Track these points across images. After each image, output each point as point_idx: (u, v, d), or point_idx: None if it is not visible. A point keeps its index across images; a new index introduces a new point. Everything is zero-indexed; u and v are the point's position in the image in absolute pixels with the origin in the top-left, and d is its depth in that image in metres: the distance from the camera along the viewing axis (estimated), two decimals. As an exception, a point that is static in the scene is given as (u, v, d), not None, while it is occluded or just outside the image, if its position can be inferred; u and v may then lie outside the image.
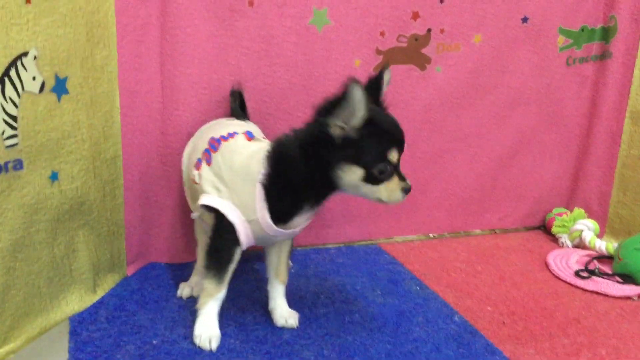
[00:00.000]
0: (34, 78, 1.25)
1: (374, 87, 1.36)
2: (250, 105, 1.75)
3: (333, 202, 1.97)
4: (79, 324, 1.44)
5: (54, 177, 1.36)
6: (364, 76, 1.86)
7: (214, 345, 1.35)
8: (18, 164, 1.25)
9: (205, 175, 1.41)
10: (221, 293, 1.38)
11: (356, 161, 1.26)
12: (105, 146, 1.54)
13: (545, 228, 2.32)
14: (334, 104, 1.23)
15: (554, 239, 2.22)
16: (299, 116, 1.84)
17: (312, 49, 1.82)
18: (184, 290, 1.61)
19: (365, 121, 1.24)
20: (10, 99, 1.20)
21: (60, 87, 1.33)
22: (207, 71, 1.70)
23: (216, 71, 1.71)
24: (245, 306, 1.57)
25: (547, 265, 1.96)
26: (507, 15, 2.01)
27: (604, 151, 2.20)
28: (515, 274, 1.90)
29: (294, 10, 1.76)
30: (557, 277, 1.88)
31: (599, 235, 2.17)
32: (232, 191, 1.35)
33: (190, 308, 1.52)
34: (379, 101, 1.37)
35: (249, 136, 1.47)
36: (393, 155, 1.28)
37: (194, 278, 1.63)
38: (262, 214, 1.33)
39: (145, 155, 1.69)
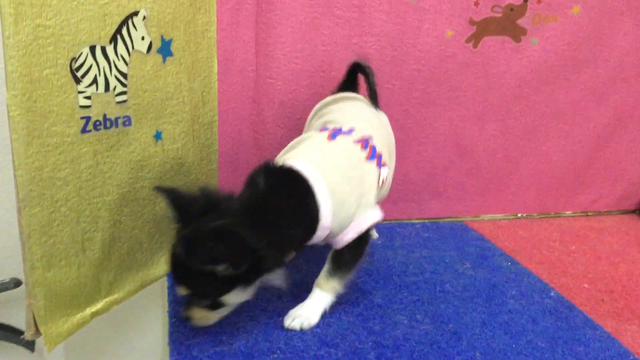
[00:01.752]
0: (142, 38, 1.30)
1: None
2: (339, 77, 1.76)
3: (415, 176, 1.97)
4: (176, 280, 1.49)
5: (157, 136, 1.41)
6: (455, 47, 1.86)
7: None
8: (127, 120, 1.30)
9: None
10: None
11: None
12: (203, 110, 1.58)
13: (641, 212, 2.21)
14: None
15: (653, 223, 2.11)
16: (388, 88, 1.84)
17: (403, 19, 1.79)
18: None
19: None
20: (122, 56, 1.25)
21: (165, 49, 1.38)
22: (300, 40, 1.71)
23: (309, 40, 1.73)
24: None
25: (647, 248, 1.87)
26: (609, -16, 1.92)
27: None
28: (612, 254, 1.81)
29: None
30: (659, 259, 1.79)
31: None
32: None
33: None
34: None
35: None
36: None
37: None
38: None
39: (238, 122, 1.73)
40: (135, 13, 1.26)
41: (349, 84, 1.64)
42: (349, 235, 1.26)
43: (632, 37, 1.98)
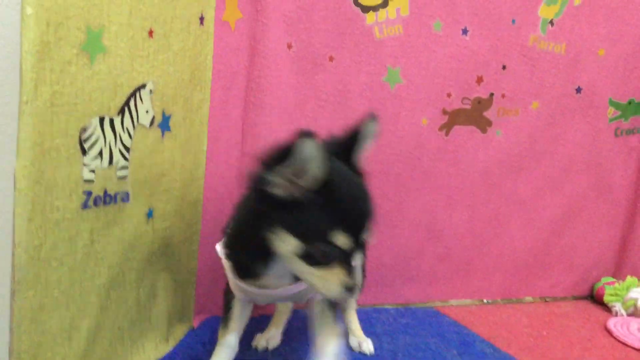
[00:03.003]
0: (147, 111, 1.24)
1: (348, 142, 1.14)
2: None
3: (390, 260, 1.97)
4: (157, 373, 1.36)
5: (149, 214, 1.33)
6: (429, 134, 1.93)
7: None
8: (125, 197, 1.22)
9: None
10: (225, 340, 1.29)
11: (293, 230, 1.00)
12: (190, 189, 1.52)
13: (593, 298, 2.30)
14: (282, 156, 0.97)
15: (605, 308, 2.19)
16: (367, 171, 1.85)
17: (383, 106, 1.85)
18: (260, 342, 1.54)
19: (319, 184, 0.98)
20: (127, 129, 1.19)
21: (165, 124, 1.32)
22: (286, 121, 1.71)
23: (294, 121, 1.73)
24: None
25: (609, 332, 1.93)
26: (563, 84, 2.08)
27: (651, 221, 2.23)
28: (582, 338, 1.86)
29: (370, 67, 1.80)
30: (624, 343, 1.84)
31: (651, 305, 2.15)
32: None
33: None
34: (351, 161, 1.13)
35: None
36: (340, 239, 0.99)
37: (271, 330, 1.56)
38: (227, 266, 1.22)
39: (220, 203, 1.66)
40: (143, 86, 1.22)
41: None
42: None
43: (582, 132, 2.15)
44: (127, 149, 1.20)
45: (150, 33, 1.21)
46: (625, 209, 2.28)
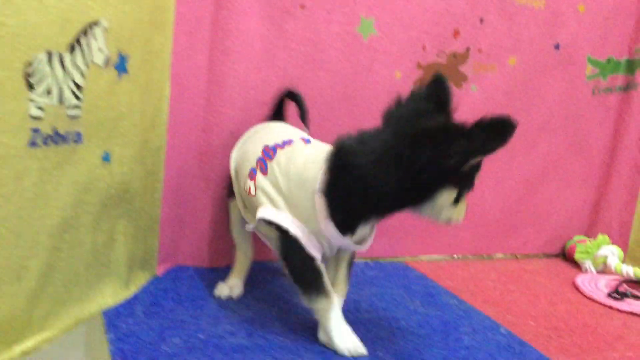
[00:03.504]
0: (100, 49, 1.21)
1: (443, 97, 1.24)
2: (290, 109, 1.73)
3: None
4: (115, 317, 1.36)
5: (106, 158, 1.30)
6: (403, 89, 1.90)
7: (364, 351, 1.29)
8: (78, 137, 1.20)
9: (262, 186, 1.32)
10: (333, 302, 1.29)
11: (457, 185, 1.20)
12: (152, 134, 1.49)
13: (564, 256, 2.31)
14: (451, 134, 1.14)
15: (575, 266, 2.21)
16: (339, 124, 1.83)
17: (356, 57, 1.82)
18: (222, 290, 1.54)
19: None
20: (79, 67, 1.16)
21: (121, 66, 1.29)
22: (254, 70, 1.68)
23: (263, 71, 1.70)
24: (286, 308, 1.50)
25: (577, 288, 1.94)
26: (541, 40, 2.05)
27: (626, 181, 2.23)
28: (549, 294, 1.87)
29: (343, 17, 1.76)
30: (590, 298, 1.86)
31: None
32: (290, 202, 1.26)
33: (231, 307, 1.46)
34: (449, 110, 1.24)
35: (306, 142, 1.40)
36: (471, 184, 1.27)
37: (233, 279, 1.56)
38: (325, 224, 1.24)
39: (185, 151, 1.64)
40: (96, 22, 1.18)
41: (278, 113, 1.66)
42: None
43: (559, 90, 2.13)
44: (79, 88, 1.17)
45: (104, -32, 1.17)
46: (600, 168, 2.28)
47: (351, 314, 1.50)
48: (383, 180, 1.17)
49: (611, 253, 2.11)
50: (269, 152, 1.37)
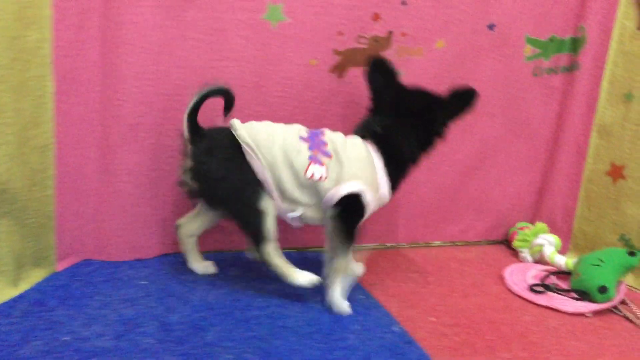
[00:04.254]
0: (-51, 52, 1.19)
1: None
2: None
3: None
4: (-8, 316, 1.37)
5: (-29, 160, 1.30)
6: (319, 76, 1.84)
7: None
8: None
9: (332, 167, 1.53)
10: None
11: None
12: (34, 132, 1.48)
13: (508, 242, 2.25)
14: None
15: (516, 254, 2.15)
16: (249, 114, 1.79)
17: (265, 45, 1.76)
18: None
19: None
20: None
21: (-19, 66, 1.27)
22: (152, 62, 1.64)
23: (162, 62, 1.66)
24: (173, 306, 1.50)
25: (502, 279, 1.89)
26: (473, 21, 1.96)
27: (570, 165, 2.15)
28: (468, 286, 1.83)
29: (247, 4, 1.71)
30: (510, 291, 1.81)
31: (563, 251, 2.11)
32: (357, 175, 1.53)
33: (114, 306, 1.46)
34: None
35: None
36: None
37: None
38: (384, 188, 1.60)
39: (82, 145, 1.62)
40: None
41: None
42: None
43: (494, 72, 2.04)
44: None
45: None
46: (544, 152, 2.20)
47: (240, 312, 1.50)
48: (414, 153, 1.67)
49: (547, 242, 2.04)
50: (315, 140, 1.56)
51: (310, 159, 1.53)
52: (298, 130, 1.59)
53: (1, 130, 1.35)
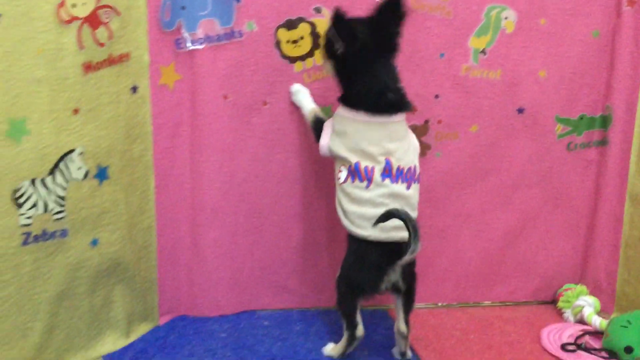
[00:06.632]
0: (79, 168, 1.67)
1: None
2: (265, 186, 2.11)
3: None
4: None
5: (94, 242, 1.76)
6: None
7: None
8: (63, 232, 1.66)
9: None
10: None
11: None
12: (141, 218, 1.93)
13: (555, 303, 2.41)
14: None
15: (561, 314, 2.31)
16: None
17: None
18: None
19: None
20: (60, 184, 1.62)
21: (101, 174, 1.74)
22: (228, 158, 2.07)
23: (235, 157, 2.08)
24: (244, 356, 1.86)
25: (539, 338, 2.07)
26: (503, 107, 2.22)
27: (608, 231, 2.30)
28: (505, 344, 2.03)
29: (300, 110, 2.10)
30: (545, 349, 1.99)
31: (609, 312, 2.24)
32: None
33: (198, 355, 1.85)
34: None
35: None
36: None
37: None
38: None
39: (177, 226, 2.07)
40: (72, 151, 1.64)
41: None
42: None
43: (527, 148, 2.27)
44: (62, 198, 1.64)
45: (75, 111, 1.63)
46: (584, 219, 2.37)
47: (295, 362, 1.83)
48: None
49: (587, 303, 2.20)
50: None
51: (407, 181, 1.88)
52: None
53: (116, 219, 1.81)
